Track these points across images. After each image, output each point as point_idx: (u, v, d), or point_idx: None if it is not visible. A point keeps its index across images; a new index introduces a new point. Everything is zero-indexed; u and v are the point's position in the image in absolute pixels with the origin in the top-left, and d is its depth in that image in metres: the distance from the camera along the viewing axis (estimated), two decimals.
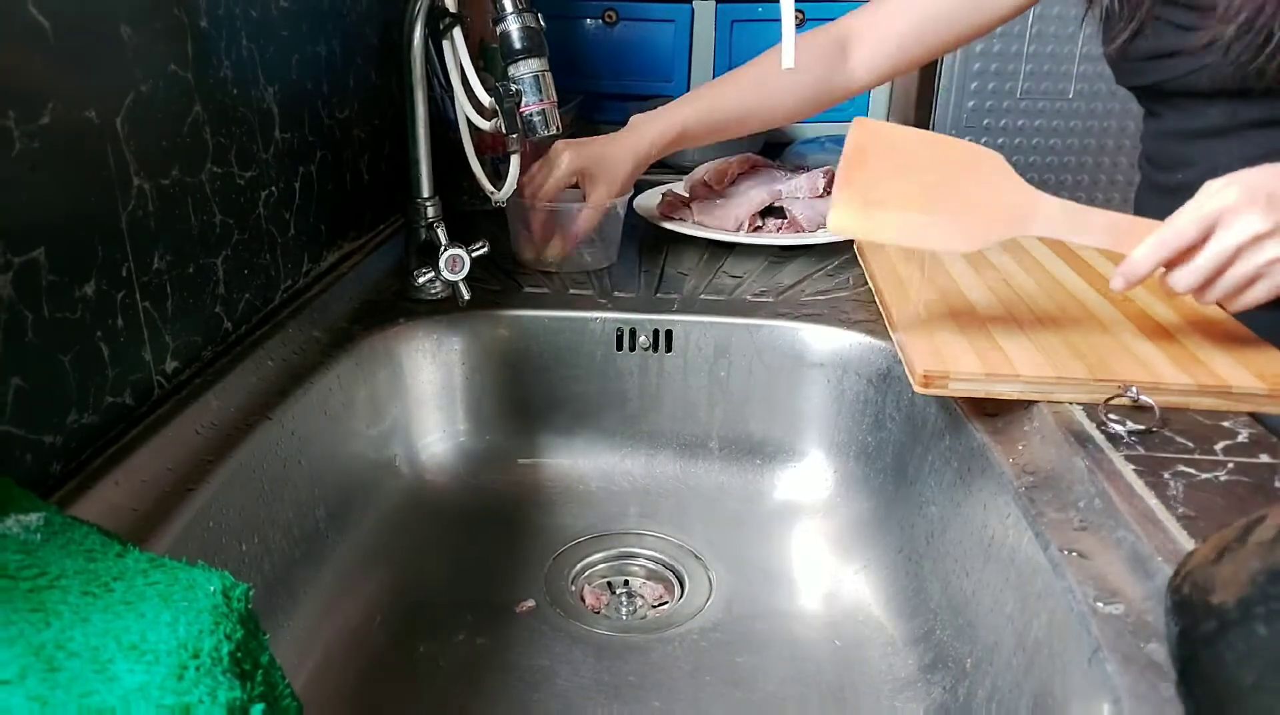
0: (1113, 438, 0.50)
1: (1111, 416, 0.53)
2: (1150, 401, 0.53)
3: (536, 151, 1.10)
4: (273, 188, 0.67)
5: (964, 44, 0.82)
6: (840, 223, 0.57)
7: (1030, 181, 0.69)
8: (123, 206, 0.50)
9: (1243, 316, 0.65)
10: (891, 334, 0.66)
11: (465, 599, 0.63)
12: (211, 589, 0.34)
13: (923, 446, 0.65)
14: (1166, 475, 0.47)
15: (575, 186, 0.85)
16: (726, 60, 1.34)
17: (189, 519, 0.47)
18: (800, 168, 1.02)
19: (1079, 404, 0.55)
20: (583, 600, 0.67)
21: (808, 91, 0.84)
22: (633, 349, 0.77)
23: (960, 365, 0.57)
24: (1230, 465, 0.48)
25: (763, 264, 0.89)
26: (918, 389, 0.57)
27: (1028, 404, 0.57)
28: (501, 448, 0.79)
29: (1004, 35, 1.49)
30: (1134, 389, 0.54)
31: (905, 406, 0.69)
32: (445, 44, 0.74)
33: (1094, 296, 0.69)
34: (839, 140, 1.21)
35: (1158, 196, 0.78)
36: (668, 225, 0.94)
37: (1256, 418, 0.53)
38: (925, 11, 0.80)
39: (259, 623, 0.35)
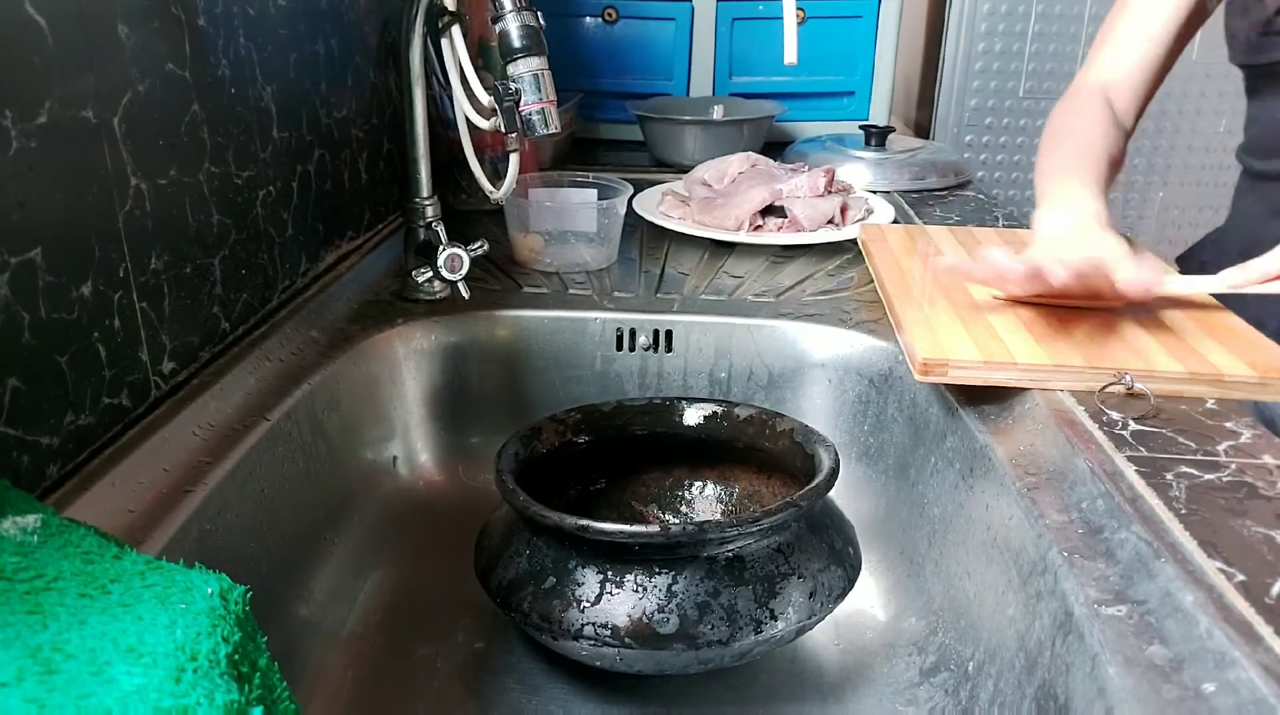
0: (1115, 438, 0.50)
1: (1107, 407, 0.54)
2: (1144, 389, 0.54)
3: (536, 150, 1.10)
4: (270, 187, 0.67)
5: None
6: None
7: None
8: (120, 206, 0.50)
9: (1241, 309, 0.65)
10: (892, 322, 0.67)
11: (464, 601, 0.62)
12: (209, 591, 0.34)
13: (925, 448, 0.65)
14: (1169, 476, 0.46)
15: None
16: (727, 59, 1.34)
17: (186, 521, 0.47)
18: (801, 167, 1.02)
19: (1075, 392, 0.56)
20: None
21: (1118, 152, 0.82)
22: (633, 349, 0.77)
23: (959, 354, 0.58)
24: (1233, 466, 0.47)
25: (764, 263, 0.89)
26: (917, 376, 0.58)
27: (1027, 394, 0.57)
28: None
29: (1006, 35, 1.49)
30: (1128, 377, 0.55)
31: (907, 407, 0.68)
32: (444, 42, 0.73)
33: None
34: (840, 139, 1.21)
35: (1257, 184, 0.78)
36: (668, 225, 0.94)
37: (1253, 406, 0.54)
38: (1152, 38, 0.81)
39: (256, 625, 0.35)
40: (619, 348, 0.77)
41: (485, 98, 0.70)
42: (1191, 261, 0.87)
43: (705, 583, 0.50)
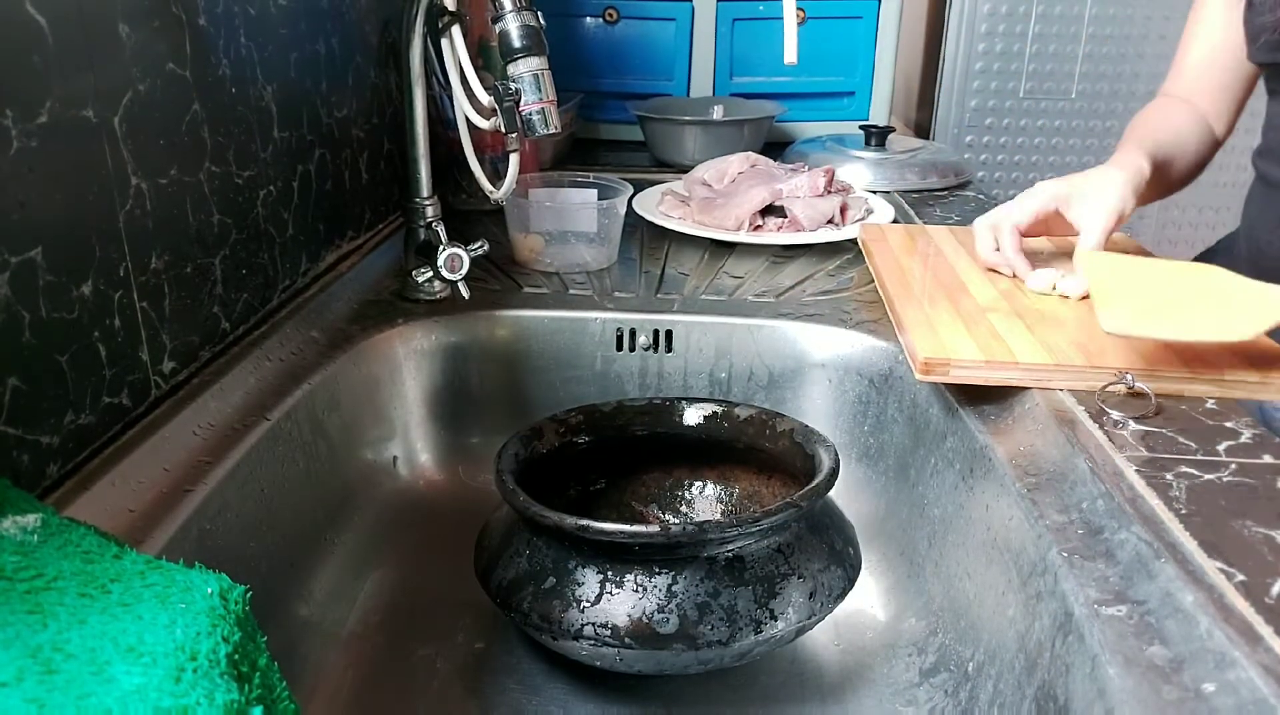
0: (1115, 438, 0.50)
1: (1109, 406, 0.54)
2: (1146, 388, 0.54)
3: (536, 150, 1.10)
4: (271, 187, 0.67)
5: None
6: (1116, 328, 0.56)
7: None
8: (120, 206, 0.50)
9: None
10: (893, 321, 0.67)
11: (464, 601, 0.62)
12: (209, 591, 0.34)
13: (925, 448, 0.65)
14: (1169, 476, 0.46)
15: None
16: (728, 59, 1.34)
17: (186, 521, 0.47)
18: (801, 167, 1.02)
19: (1077, 391, 0.56)
20: None
21: (1201, 147, 0.82)
22: (633, 349, 0.77)
23: (961, 353, 0.58)
24: (1233, 466, 0.47)
25: (764, 263, 0.89)
26: (919, 376, 0.58)
27: (1027, 394, 0.57)
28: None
29: (1006, 35, 1.49)
30: (1130, 376, 0.55)
31: (908, 408, 0.68)
32: (444, 42, 0.73)
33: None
34: (840, 139, 1.21)
35: (1270, 191, 0.77)
36: (668, 224, 0.94)
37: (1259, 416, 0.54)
38: (1222, 43, 0.81)
39: (256, 625, 0.35)
40: (619, 348, 0.77)
41: (485, 98, 0.70)
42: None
43: (705, 583, 0.50)
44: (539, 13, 0.66)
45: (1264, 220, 0.78)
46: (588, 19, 1.32)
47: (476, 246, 0.77)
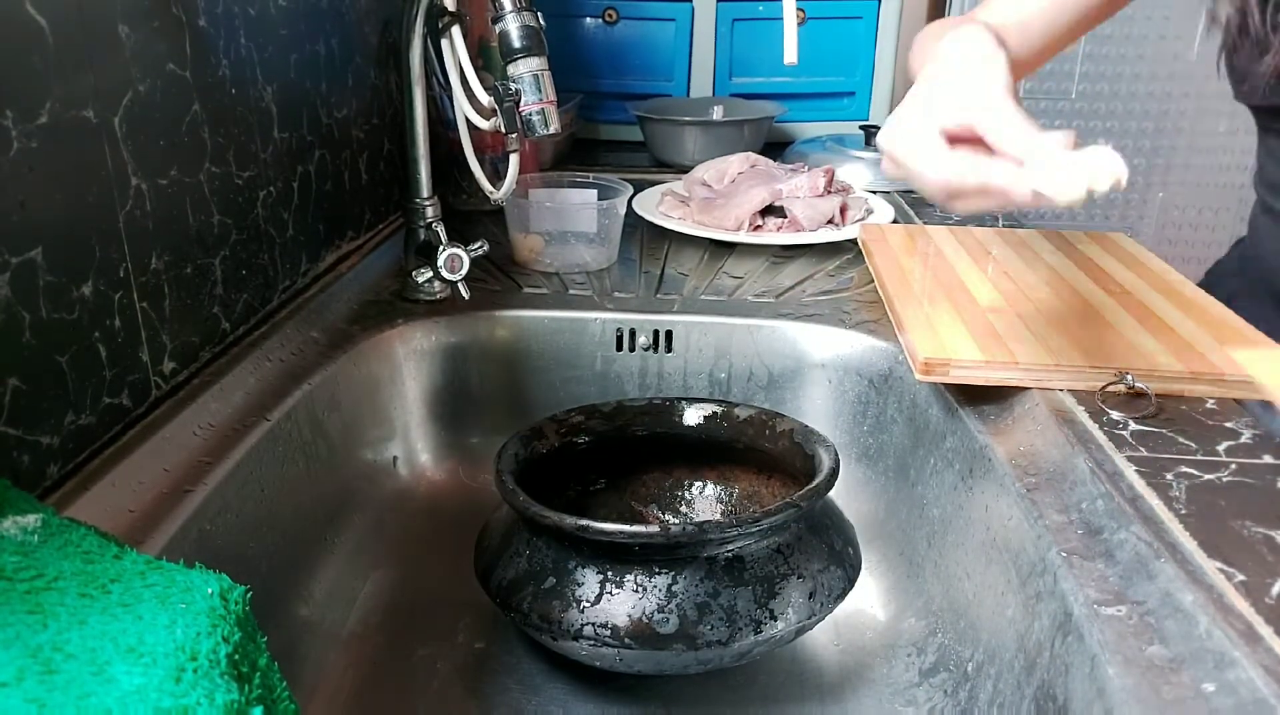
0: (1115, 438, 0.50)
1: (1108, 406, 0.54)
2: (1146, 388, 0.54)
3: (536, 151, 1.10)
4: (271, 187, 0.67)
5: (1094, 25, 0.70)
6: None
7: None
8: (120, 206, 0.50)
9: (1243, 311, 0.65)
10: (893, 321, 0.68)
11: (464, 601, 0.63)
12: (209, 591, 0.34)
13: (924, 448, 0.65)
14: (1169, 476, 0.46)
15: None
16: (728, 59, 1.34)
17: (186, 521, 0.47)
18: (800, 167, 1.02)
19: (1077, 391, 0.56)
20: None
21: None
22: (633, 349, 0.77)
23: (961, 353, 0.58)
24: (1233, 466, 0.47)
25: (764, 264, 0.89)
26: (919, 376, 0.58)
27: (1027, 394, 0.58)
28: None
29: None
30: (1130, 376, 0.55)
31: (907, 408, 0.69)
32: (444, 43, 0.73)
33: (1093, 289, 0.70)
34: (840, 139, 1.21)
35: (1274, 220, 0.74)
36: (668, 225, 0.94)
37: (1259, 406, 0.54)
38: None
39: (256, 625, 0.35)
40: (619, 348, 0.77)
41: (485, 98, 0.70)
42: (1221, 287, 0.81)
43: (705, 583, 0.50)
44: (539, 13, 0.66)
45: (1270, 247, 0.75)
46: (587, 19, 1.32)
47: (476, 247, 0.77)
